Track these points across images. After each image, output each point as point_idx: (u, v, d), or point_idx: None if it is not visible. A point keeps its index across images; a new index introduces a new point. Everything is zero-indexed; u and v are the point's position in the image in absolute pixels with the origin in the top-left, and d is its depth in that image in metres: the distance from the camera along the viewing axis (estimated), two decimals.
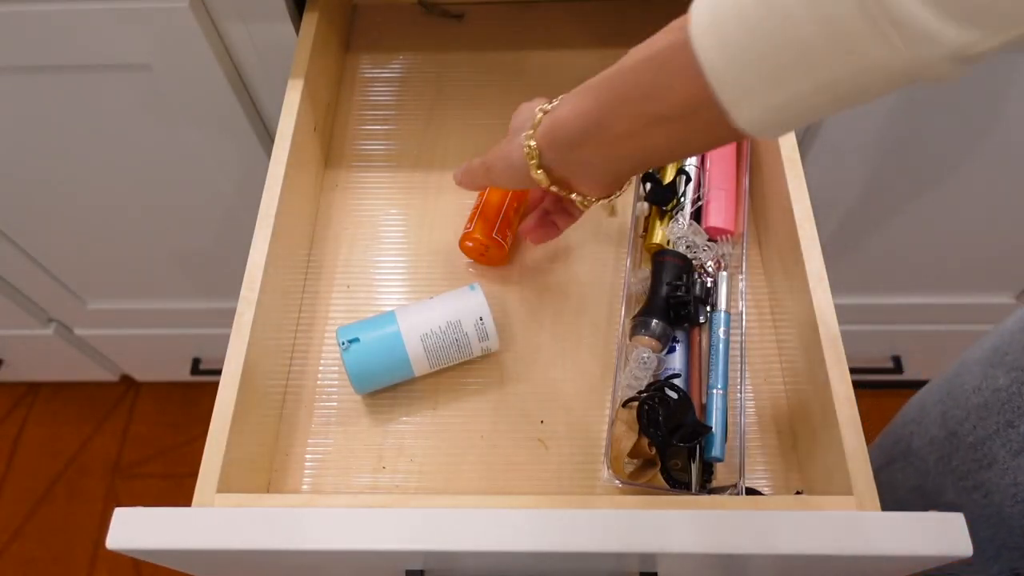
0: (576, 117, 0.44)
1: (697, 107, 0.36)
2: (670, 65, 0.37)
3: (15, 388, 1.46)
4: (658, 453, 0.52)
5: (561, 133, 0.45)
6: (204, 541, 0.42)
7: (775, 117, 0.34)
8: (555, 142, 0.46)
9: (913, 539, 0.41)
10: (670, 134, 0.40)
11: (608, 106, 0.42)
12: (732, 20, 0.33)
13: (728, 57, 0.34)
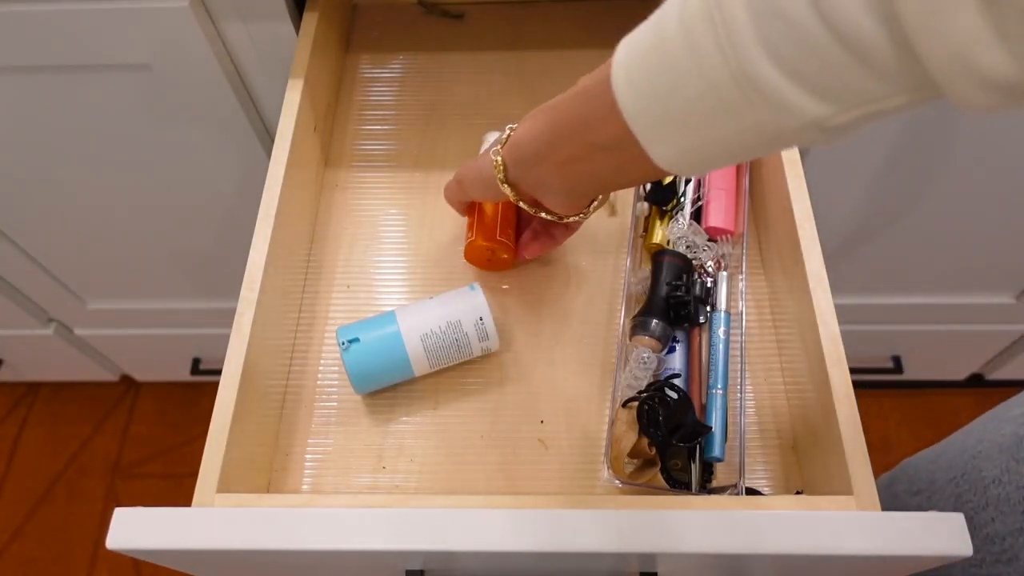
0: (531, 138, 0.46)
1: (624, 142, 0.37)
2: (599, 100, 0.38)
3: (15, 388, 1.46)
4: (658, 453, 0.52)
5: (520, 152, 0.47)
6: (204, 541, 0.42)
7: (688, 159, 0.36)
8: (517, 159, 0.47)
9: (913, 539, 0.41)
10: (611, 162, 0.41)
11: (555, 130, 0.43)
12: (639, 66, 0.35)
13: (637, 100, 0.35)
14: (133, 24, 0.67)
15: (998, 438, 0.59)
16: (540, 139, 0.45)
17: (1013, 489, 0.56)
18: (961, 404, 1.35)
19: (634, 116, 0.36)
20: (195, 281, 1.10)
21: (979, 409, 1.36)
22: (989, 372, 1.29)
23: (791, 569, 0.46)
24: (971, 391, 1.35)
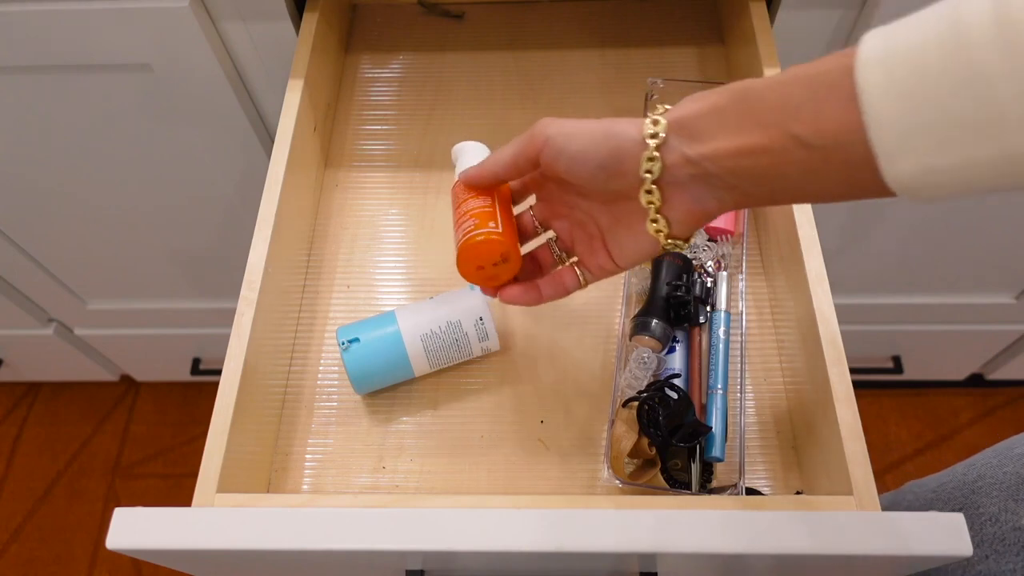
0: (711, 115, 0.38)
1: (843, 142, 0.32)
2: (827, 88, 0.33)
3: (15, 388, 1.46)
4: (658, 453, 0.52)
5: (687, 128, 0.39)
6: (204, 541, 0.42)
7: (934, 181, 0.31)
8: (684, 130, 0.39)
9: (913, 539, 0.41)
10: (808, 163, 0.35)
11: (747, 111, 0.37)
12: (907, 60, 0.30)
13: (893, 98, 0.30)
14: (133, 24, 0.67)
15: (999, 475, 0.58)
16: (723, 117, 0.37)
17: (1009, 529, 0.55)
18: (961, 404, 1.35)
19: (883, 119, 0.31)
20: (195, 281, 1.10)
21: (979, 409, 1.36)
22: (989, 372, 1.29)
23: (791, 569, 0.46)
24: (971, 391, 1.35)
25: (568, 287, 0.49)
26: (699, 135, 0.38)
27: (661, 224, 0.42)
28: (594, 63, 0.77)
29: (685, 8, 0.80)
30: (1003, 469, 0.58)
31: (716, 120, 0.38)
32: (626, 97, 0.74)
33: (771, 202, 0.41)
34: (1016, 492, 0.56)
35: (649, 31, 0.79)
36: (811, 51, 0.73)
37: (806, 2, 0.67)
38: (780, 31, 0.68)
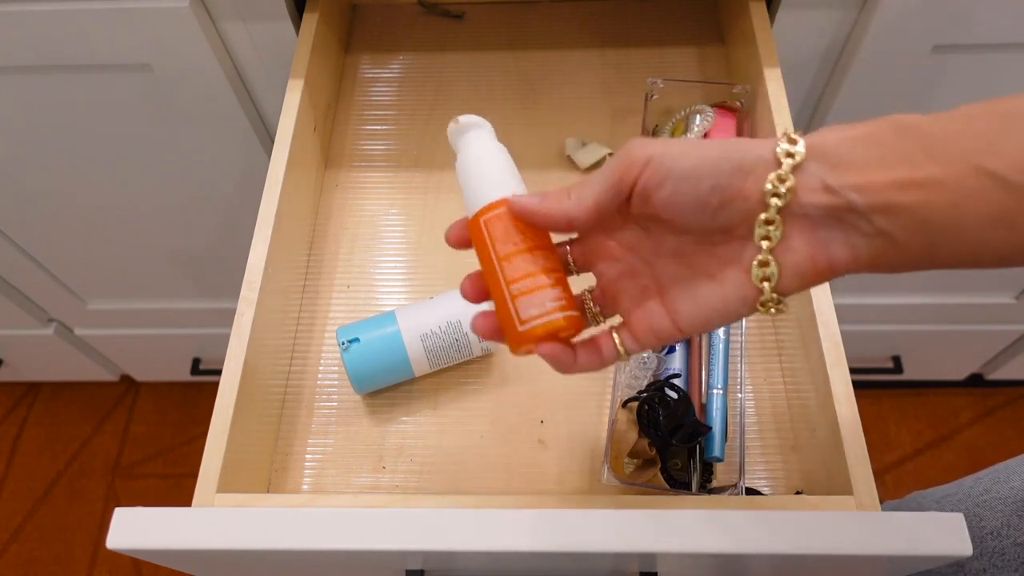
0: (864, 139, 0.32)
1: None
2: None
3: (15, 388, 1.46)
4: (658, 453, 0.52)
5: (835, 151, 0.32)
6: (204, 541, 0.42)
7: None
8: (825, 157, 0.32)
9: (913, 539, 0.41)
10: (998, 207, 0.29)
11: (919, 142, 0.31)
12: None
13: None
14: (133, 24, 0.67)
15: (1005, 490, 0.58)
16: (882, 146, 0.31)
17: (1010, 544, 0.55)
18: (961, 404, 1.35)
19: None
20: (195, 281, 1.10)
21: (979, 409, 1.36)
22: (989, 372, 1.29)
23: (791, 569, 0.46)
24: (971, 391, 1.35)
25: (604, 358, 0.38)
26: (847, 163, 0.32)
27: (771, 269, 0.33)
28: (594, 63, 0.77)
29: (685, 8, 0.80)
30: (1010, 484, 0.58)
31: (871, 148, 0.31)
32: (626, 97, 0.74)
33: (926, 260, 0.31)
34: (1021, 508, 0.55)
35: (649, 31, 0.79)
36: (811, 51, 0.73)
37: (806, 2, 0.67)
38: (780, 31, 0.68)
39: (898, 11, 0.65)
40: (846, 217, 0.32)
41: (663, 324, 0.37)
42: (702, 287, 0.36)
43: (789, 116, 0.60)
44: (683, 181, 0.33)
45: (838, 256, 0.32)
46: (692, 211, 0.34)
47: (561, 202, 0.36)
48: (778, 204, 0.32)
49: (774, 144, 0.33)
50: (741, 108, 0.66)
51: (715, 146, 0.34)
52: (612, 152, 0.69)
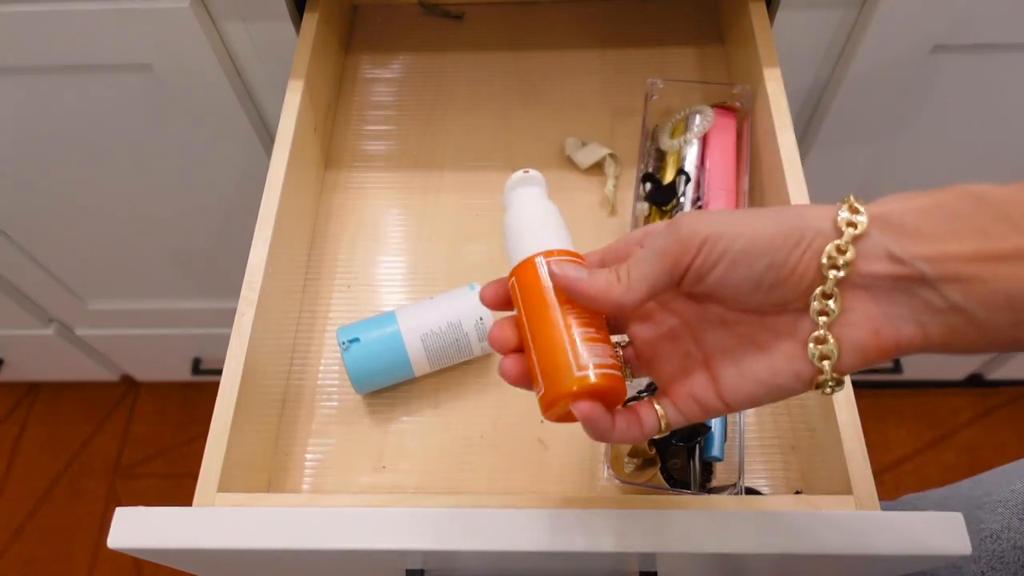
0: (933, 208, 0.30)
1: None
2: None
3: (16, 388, 1.46)
4: (658, 453, 0.52)
5: (902, 220, 0.30)
6: (205, 540, 0.43)
7: None
8: (891, 226, 0.30)
9: (912, 538, 0.41)
10: None
11: (997, 212, 0.29)
12: None
13: None
14: (134, 24, 0.67)
15: (1005, 493, 0.57)
16: (955, 216, 0.29)
17: (1009, 547, 0.54)
18: (960, 404, 1.35)
19: None
20: (196, 281, 1.10)
21: (978, 409, 1.36)
22: (988, 372, 1.29)
23: (791, 569, 0.46)
24: (970, 391, 1.35)
25: (645, 430, 0.35)
26: (914, 233, 0.29)
27: (830, 347, 0.31)
28: (594, 63, 0.77)
29: (685, 8, 0.80)
30: (1011, 487, 0.57)
31: (943, 219, 0.29)
32: (626, 97, 0.74)
33: (1010, 341, 0.29)
34: (1021, 511, 0.55)
35: (649, 31, 0.79)
36: (811, 52, 0.73)
37: (806, 2, 0.67)
38: (780, 31, 0.68)
39: (897, 11, 0.65)
40: (914, 289, 0.29)
41: (708, 396, 0.34)
42: (750, 359, 0.33)
43: (789, 116, 0.60)
44: (738, 263, 0.31)
45: (905, 333, 0.30)
46: (747, 291, 0.32)
47: (611, 288, 0.33)
48: (837, 276, 0.30)
49: (834, 212, 0.31)
50: (741, 108, 0.67)
51: (770, 220, 0.31)
52: (613, 152, 0.69)
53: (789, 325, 0.32)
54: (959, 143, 0.82)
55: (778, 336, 0.33)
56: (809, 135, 0.82)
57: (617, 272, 0.34)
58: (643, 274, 0.33)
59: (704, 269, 0.32)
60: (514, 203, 0.41)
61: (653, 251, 0.33)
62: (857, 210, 0.30)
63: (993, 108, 0.78)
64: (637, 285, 0.33)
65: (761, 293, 0.32)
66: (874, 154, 0.84)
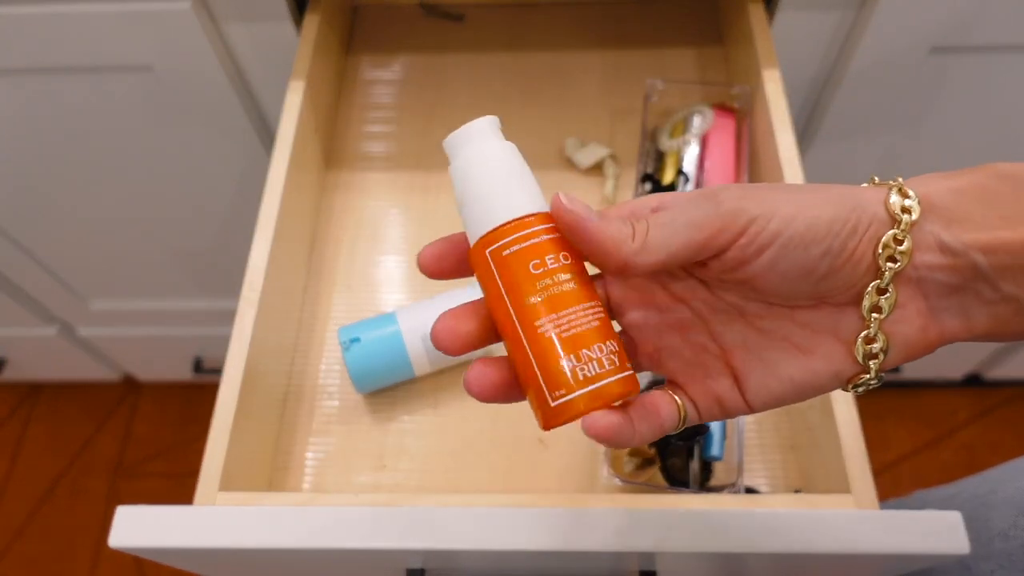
0: (974, 191, 0.28)
1: None
2: None
3: (18, 388, 1.46)
4: (657, 452, 0.53)
5: (948, 205, 0.28)
6: (206, 539, 0.43)
7: None
8: (936, 211, 0.28)
9: (910, 537, 0.41)
10: None
11: None
12: None
13: None
14: (135, 26, 0.67)
15: (1012, 491, 0.57)
16: (999, 200, 0.28)
17: (1017, 546, 0.54)
18: (958, 404, 1.35)
19: None
20: (197, 281, 1.10)
21: (977, 408, 1.36)
22: (986, 371, 1.29)
23: (790, 567, 0.46)
24: (968, 391, 1.35)
25: (664, 426, 0.30)
26: (965, 220, 0.27)
27: (880, 344, 0.29)
28: (593, 64, 0.77)
29: (684, 9, 0.80)
30: (1016, 484, 0.57)
31: (987, 203, 0.27)
32: (626, 98, 0.74)
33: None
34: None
35: (648, 32, 0.79)
36: (809, 52, 0.73)
37: (805, 3, 0.67)
38: (778, 32, 0.68)
39: (896, 12, 0.66)
40: (970, 283, 0.27)
41: (732, 397, 0.30)
42: (782, 358, 0.30)
43: (788, 117, 0.60)
44: (790, 249, 0.27)
45: (948, 326, 0.28)
46: (793, 282, 0.28)
47: (623, 242, 0.28)
48: (893, 269, 0.27)
49: (884, 195, 0.28)
50: (740, 109, 0.67)
51: (827, 201, 0.28)
52: (612, 153, 0.69)
53: (828, 320, 0.29)
54: (958, 143, 0.83)
55: (815, 333, 0.29)
56: (808, 135, 0.82)
57: (633, 226, 0.28)
58: (665, 240, 0.28)
59: (749, 253, 0.27)
60: (478, 158, 0.33)
61: (685, 220, 0.28)
62: (907, 193, 0.28)
63: (991, 108, 0.78)
64: (654, 250, 0.28)
65: (808, 284, 0.28)
66: (873, 154, 0.84)
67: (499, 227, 0.30)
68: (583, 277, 0.30)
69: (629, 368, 0.30)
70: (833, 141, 0.82)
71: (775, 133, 0.60)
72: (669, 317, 0.32)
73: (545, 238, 0.29)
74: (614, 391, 0.29)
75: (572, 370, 0.28)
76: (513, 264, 0.29)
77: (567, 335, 0.29)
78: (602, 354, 0.29)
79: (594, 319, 0.29)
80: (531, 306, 0.29)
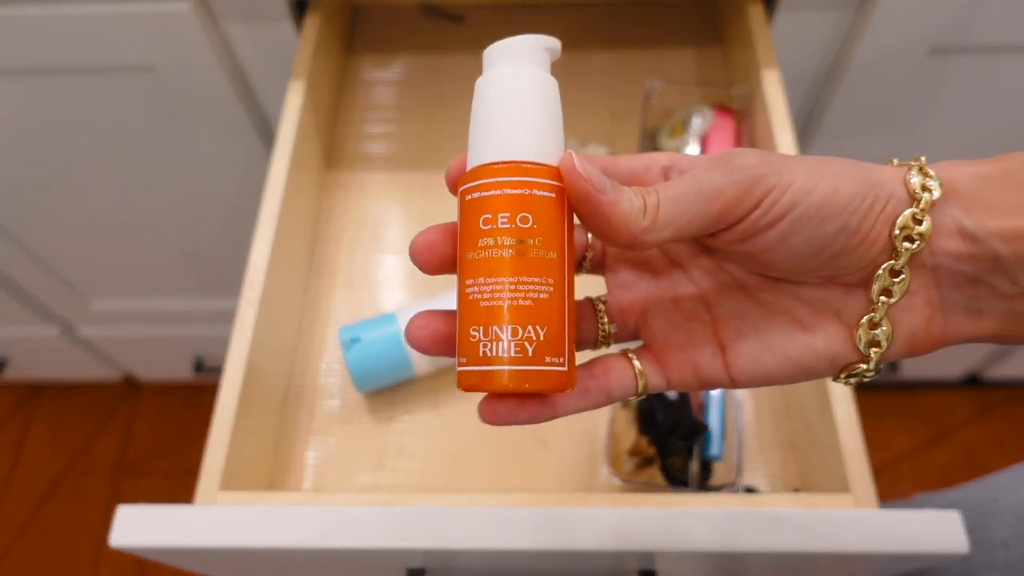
0: (999, 177, 0.26)
1: None
2: None
3: (20, 388, 1.46)
4: (657, 451, 0.53)
5: (969, 189, 0.26)
6: (206, 539, 0.43)
7: None
8: (958, 195, 0.26)
9: (910, 536, 0.42)
10: None
11: None
12: None
13: None
14: (136, 26, 0.67)
15: (1014, 500, 0.56)
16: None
17: (1019, 557, 0.54)
18: (957, 403, 1.35)
19: None
20: (198, 281, 1.10)
21: (975, 408, 1.36)
22: (985, 371, 1.29)
23: (789, 566, 0.47)
24: (967, 390, 1.35)
25: (612, 390, 0.29)
26: (988, 205, 0.26)
27: (883, 330, 0.27)
28: (593, 64, 0.77)
29: (683, 10, 0.80)
30: (1017, 493, 0.57)
31: (1016, 189, 0.25)
32: (625, 98, 0.74)
33: None
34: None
35: (648, 32, 0.79)
36: (809, 52, 0.73)
37: (804, 4, 0.67)
38: (778, 32, 0.68)
39: (895, 13, 0.66)
40: (987, 274, 0.26)
41: (714, 368, 0.29)
42: (781, 333, 0.28)
43: (787, 117, 0.61)
44: (805, 222, 0.25)
45: (954, 322, 0.27)
46: (805, 257, 0.26)
47: (634, 219, 0.26)
48: (910, 249, 0.26)
49: (902, 174, 0.26)
50: (739, 109, 0.67)
51: (844, 176, 0.26)
52: (612, 153, 0.69)
53: (833, 300, 0.28)
54: (958, 144, 0.83)
55: (818, 312, 0.28)
56: (807, 136, 0.82)
57: (644, 200, 0.26)
58: (677, 214, 0.26)
59: (762, 225, 0.26)
60: (498, 82, 0.30)
61: (698, 189, 0.26)
62: (928, 174, 0.26)
63: (990, 109, 0.78)
64: (664, 225, 0.26)
65: (820, 261, 0.26)
66: (873, 155, 0.84)
67: (478, 167, 0.28)
68: (541, 247, 0.26)
69: (554, 363, 0.26)
70: (832, 141, 0.82)
71: (775, 133, 0.60)
72: (662, 281, 0.30)
73: (512, 192, 0.26)
74: (508, 382, 0.25)
75: (477, 343, 0.26)
76: (469, 212, 0.27)
77: (486, 304, 0.26)
78: (516, 337, 0.25)
79: (528, 297, 0.26)
80: (468, 262, 0.27)
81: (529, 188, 0.26)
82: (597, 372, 0.29)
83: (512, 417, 0.27)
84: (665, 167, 0.28)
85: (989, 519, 0.57)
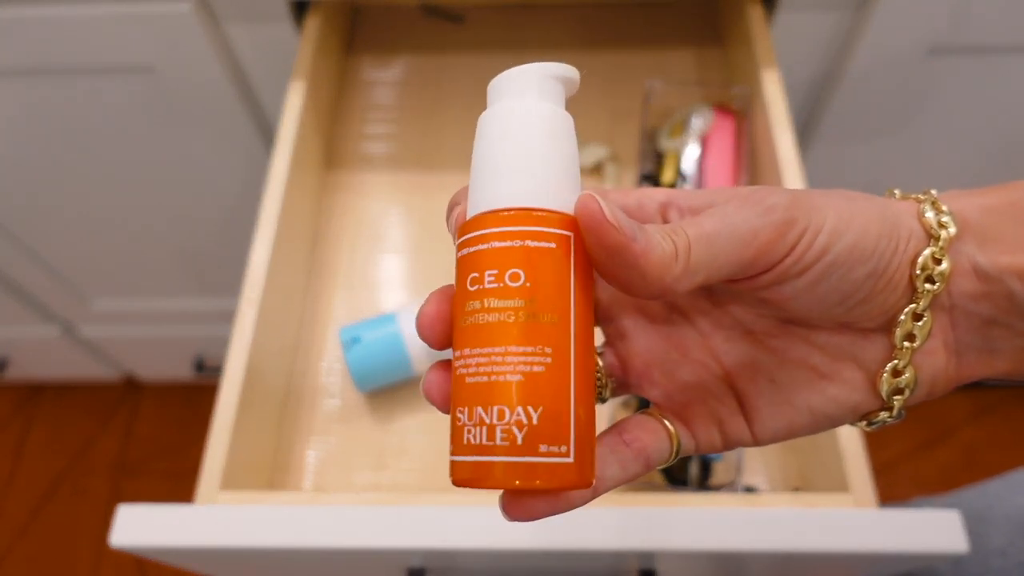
0: (1007, 208, 0.25)
1: None
2: None
3: (20, 389, 1.46)
4: None
5: (980, 222, 0.25)
6: (207, 538, 0.43)
7: None
8: (970, 229, 0.25)
9: (909, 536, 0.42)
10: None
11: None
12: None
13: None
14: (137, 27, 0.68)
15: (1009, 508, 0.56)
16: None
17: (1014, 565, 0.53)
18: (957, 403, 1.35)
19: None
20: (199, 281, 1.10)
21: (975, 407, 1.36)
22: None
23: (789, 566, 0.47)
24: (966, 390, 1.35)
25: (650, 457, 0.25)
26: (999, 240, 0.24)
27: (908, 378, 0.25)
28: (593, 65, 0.77)
29: (683, 10, 0.80)
30: (1013, 501, 0.57)
31: (1021, 222, 0.24)
32: (625, 98, 0.74)
33: None
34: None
35: (648, 33, 0.79)
36: (808, 53, 0.73)
37: (804, 4, 0.67)
38: (778, 33, 0.68)
39: (895, 13, 0.66)
40: (999, 315, 0.25)
41: (735, 425, 0.26)
42: (799, 383, 0.26)
43: (787, 117, 0.61)
44: (836, 268, 0.23)
45: (968, 361, 0.25)
46: (830, 304, 0.24)
47: (668, 266, 0.22)
48: (932, 291, 0.24)
49: (914, 209, 0.25)
50: (739, 109, 0.67)
51: (869, 214, 0.24)
52: (612, 153, 0.69)
53: (849, 346, 0.26)
54: (957, 144, 0.83)
55: (835, 359, 0.26)
56: (807, 136, 0.82)
57: (675, 243, 0.22)
58: (710, 257, 0.22)
59: (792, 272, 0.23)
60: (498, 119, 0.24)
61: (731, 229, 0.23)
62: (941, 209, 0.25)
63: (990, 109, 0.78)
64: (696, 270, 0.22)
65: (844, 308, 0.24)
66: (872, 155, 0.84)
67: (471, 218, 0.23)
68: (537, 309, 0.22)
69: (552, 453, 0.21)
70: (832, 141, 0.82)
71: (774, 134, 0.60)
72: (663, 328, 0.27)
73: (499, 245, 0.22)
74: (499, 476, 0.21)
75: (462, 427, 0.22)
76: (459, 271, 0.23)
77: (471, 381, 0.22)
78: (502, 421, 0.21)
79: (517, 371, 0.21)
80: (457, 330, 0.23)
81: (520, 239, 0.22)
82: (629, 438, 0.25)
83: (535, 512, 0.23)
84: (662, 203, 0.26)
85: (985, 527, 0.56)
